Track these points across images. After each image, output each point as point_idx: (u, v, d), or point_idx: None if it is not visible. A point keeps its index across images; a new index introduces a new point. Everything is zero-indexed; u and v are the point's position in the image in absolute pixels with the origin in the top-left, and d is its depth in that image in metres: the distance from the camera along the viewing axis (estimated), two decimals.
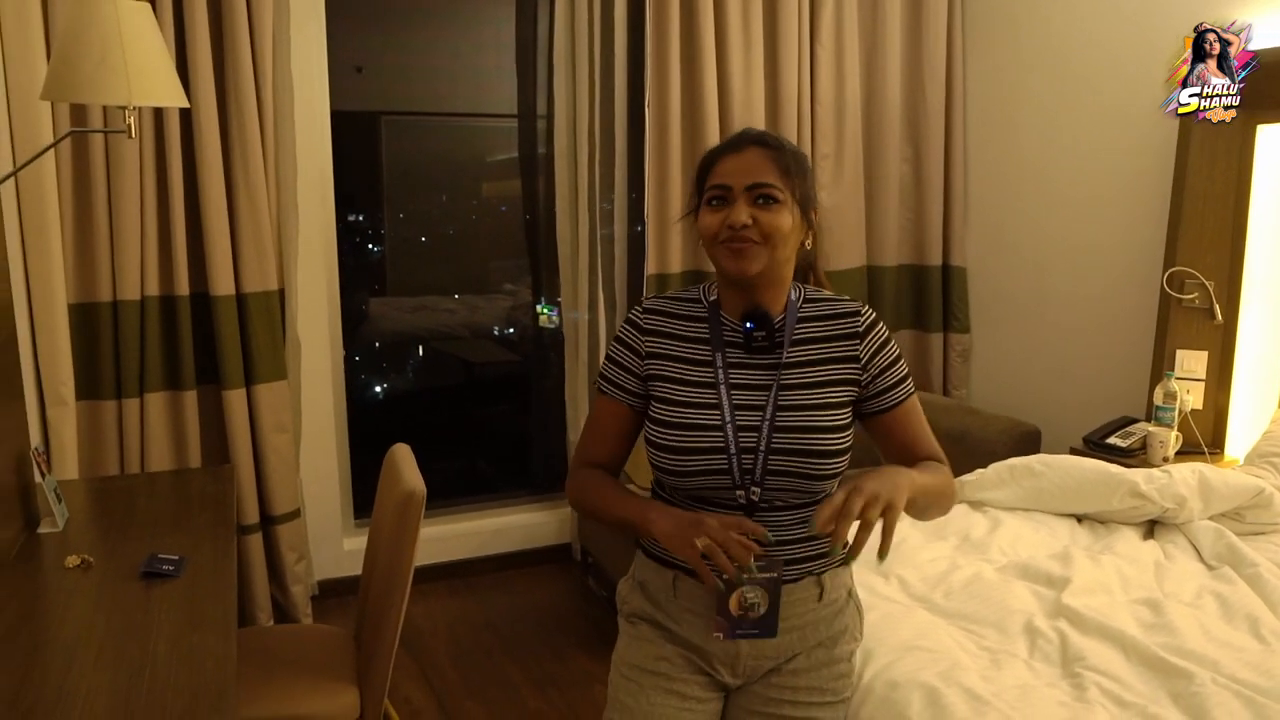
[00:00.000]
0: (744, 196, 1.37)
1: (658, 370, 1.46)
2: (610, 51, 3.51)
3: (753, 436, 1.38)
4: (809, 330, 1.45)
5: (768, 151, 1.39)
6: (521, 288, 4.30)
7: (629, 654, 1.51)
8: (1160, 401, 3.01)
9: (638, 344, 1.48)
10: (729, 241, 1.38)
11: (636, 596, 1.52)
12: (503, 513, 3.90)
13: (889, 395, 1.45)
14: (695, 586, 1.42)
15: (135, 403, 2.97)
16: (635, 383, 1.48)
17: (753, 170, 1.38)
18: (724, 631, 1.34)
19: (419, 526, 1.98)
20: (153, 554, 1.85)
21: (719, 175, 1.40)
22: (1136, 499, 2.18)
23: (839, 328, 1.45)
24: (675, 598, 1.45)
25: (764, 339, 1.41)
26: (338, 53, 3.42)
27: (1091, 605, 1.78)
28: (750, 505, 1.40)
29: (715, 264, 1.43)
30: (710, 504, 1.41)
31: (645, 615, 1.50)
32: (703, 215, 1.42)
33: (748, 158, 1.39)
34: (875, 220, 3.92)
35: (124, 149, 2.82)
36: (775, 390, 1.40)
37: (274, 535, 3.21)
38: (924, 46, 3.85)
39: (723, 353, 1.43)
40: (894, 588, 1.92)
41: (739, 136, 1.44)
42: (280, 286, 3.15)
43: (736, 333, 1.44)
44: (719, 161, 1.42)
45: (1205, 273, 3.05)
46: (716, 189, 1.40)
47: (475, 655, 3.16)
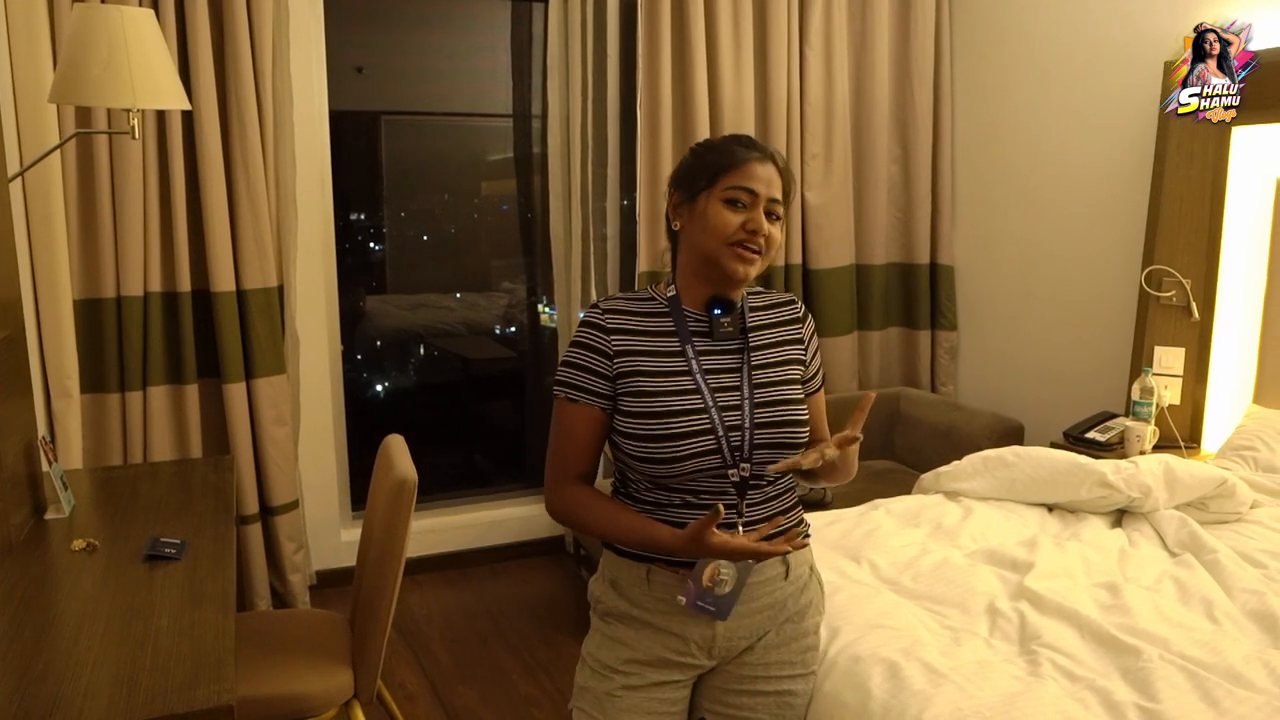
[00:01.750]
0: (763, 206, 1.46)
1: (630, 367, 1.48)
2: (603, 53, 3.58)
3: (736, 415, 1.46)
4: (759, 318, 1.56)
5: (779, 172, 1.50)
6: (519, 286, 4.36)
7: (600, 652, 1.54)
8: (1138, 397, 3.07)
9: (604, 345, 1.49)
10: (741, 245, 1.45)
11: (609, 594, 1.55)
12: (498, 506, 3.98)
13: (813, 380, 1.61)
14: (669, 577, 1.48)
15: (138, 395, 3.05)
16: (605, 385, 1.49)
17: (773, 184, 1.48)
18: (688, 598, 1.42)
19: (411, 513, 2.06)
20: (155, 537, 1.94)
21: (749, 178, 1.46)
22: (1104, 489, 2.26)
23: (782, 315, 1.58)
24: (650, 589, 1.50)
25: (729, 324, 1.51)
26: (338, 54, 3.49)
27: (1053, 588, 1.86)
28: (741, 483, 1.47)
29: (716, 261, 1.46)
30: (701, 489, 1.47)
31: (619, 613, 1.53)
32: (718, 209, 1.46)
33: (769, 172, 1.48)
34: (864, 219, 3.98)
35: (128, 150, 2.91)
36: (747, 370, 1.50)
37: (273, 525, 3.29)
38: (912, 48, 3.91)
39: (691, 343, 1.50)
40: (865, 571, 2.00)
41: (753, 143, 1.50)
42: (280, 283, 3.24)
43: (700, 323, 1.52)
44: (748, 164, 1.47)
45: (1183, 270, 3.12)
46: (744, 190, 1.45)
47: (469, 642, 3.24)
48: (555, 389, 1.52)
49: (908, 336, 4.15)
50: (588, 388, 1.49)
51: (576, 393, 1.50)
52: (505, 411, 4.56)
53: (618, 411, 1.49)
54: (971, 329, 4.11)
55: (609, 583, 1.56)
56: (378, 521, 2.17)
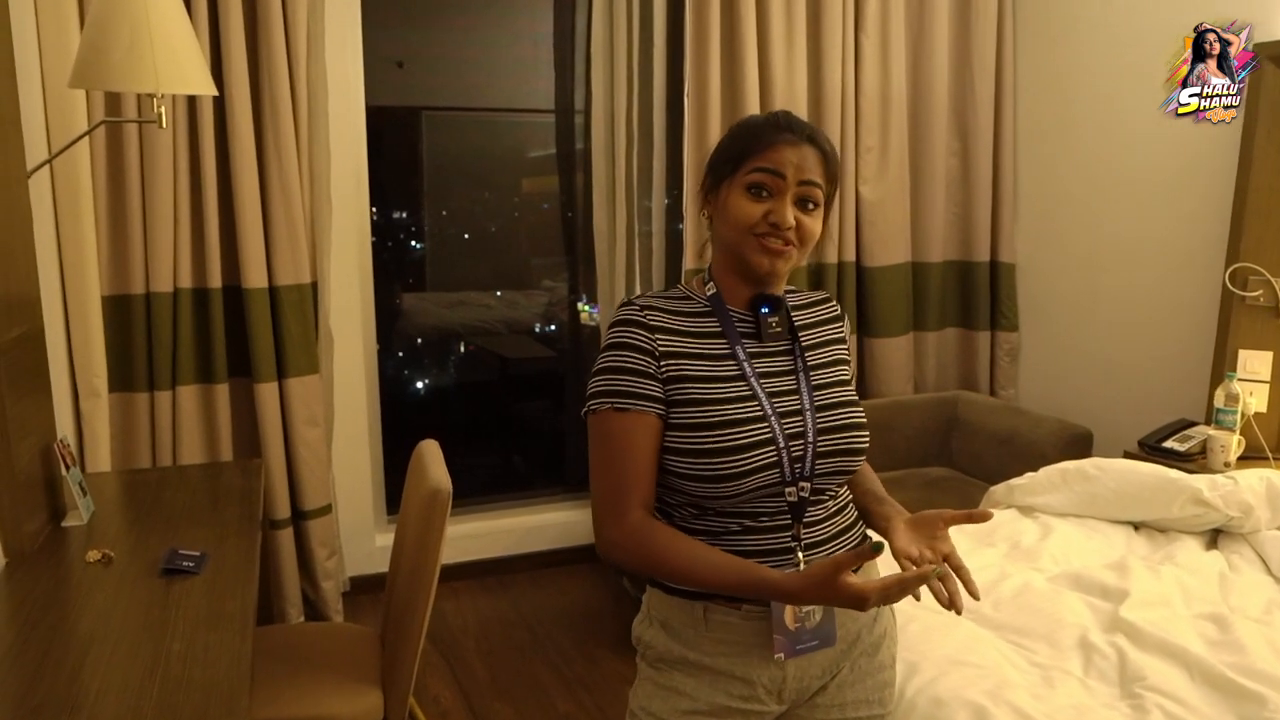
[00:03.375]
0: (792, 191, 1.29)
1: (677, 371, 1.30)
2: (649, 42, 3.44)
3: (797, 422, 1.31)
4: (803, 317, 1.42)
5: (820, 154, 1.32)
6: (560, 284, 4.25)
7: (654, 704, 1.34)
8: (1222, 404, 2.87)
9: (649, 345, 1.30)
10: (766, 237, 1.29)
11: (660, 638, 1.35)
12: (537, 511, 3.85)
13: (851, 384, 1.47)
14: (728, 614, 1.31)
15: (167, 395, 2.95)
16: (658, 389, 1.29)
17: (807, 166, 1.30)
18: (785, 651, 1.25)
19: (445, 525, 1.92)
20: (173, 549, 1.82)
21: (775, 160, 1.29)
22: (1199, 506, 2.06)
23: (821, 313, 1.45)
24: (708, 630, 1.32)
25: (777, 324, 1.36)
26: (379, 47, 3.40)
27: (1151, 619, 1.67)
28: (799, 503, 1.30)
29: (740, 255, 1.31)
30: (754, 510, 1.30)
31: (674, 658, 1.33)
32: (738, 199, 1.30)
33: (806, 153, 1.30)
34: (921, 215, 3.81)
35: (157, 140, 2.81)
36: (803, 373, 1.35)
37: (305, 530, 3.19)
38: (973, 37, 3.73)
39: (741, 345, 1.35)
40: None
41: (790, 122, 1.32)
42: (313, 280, 3.13)
43: (746, 323, 1.36)
44: (776, 146, 1.29)
45: (1272, 269, 2.93)
46: (767, 173, 1.28)
47: (506, 654, 3.11)
48: (595, 403, 1.30)
49: (965, 338, 3.96)
50: (640, 391, 1.28)
51: (628, 400, 1.27)
52: (544, 412, 4.44)
53: (667, 425, 1.30)
54: (1034, 330, 3.92)
55: (658, 624, 1.35)
56: (410, 533, 2.04)
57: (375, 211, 3.48)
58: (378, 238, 3.45)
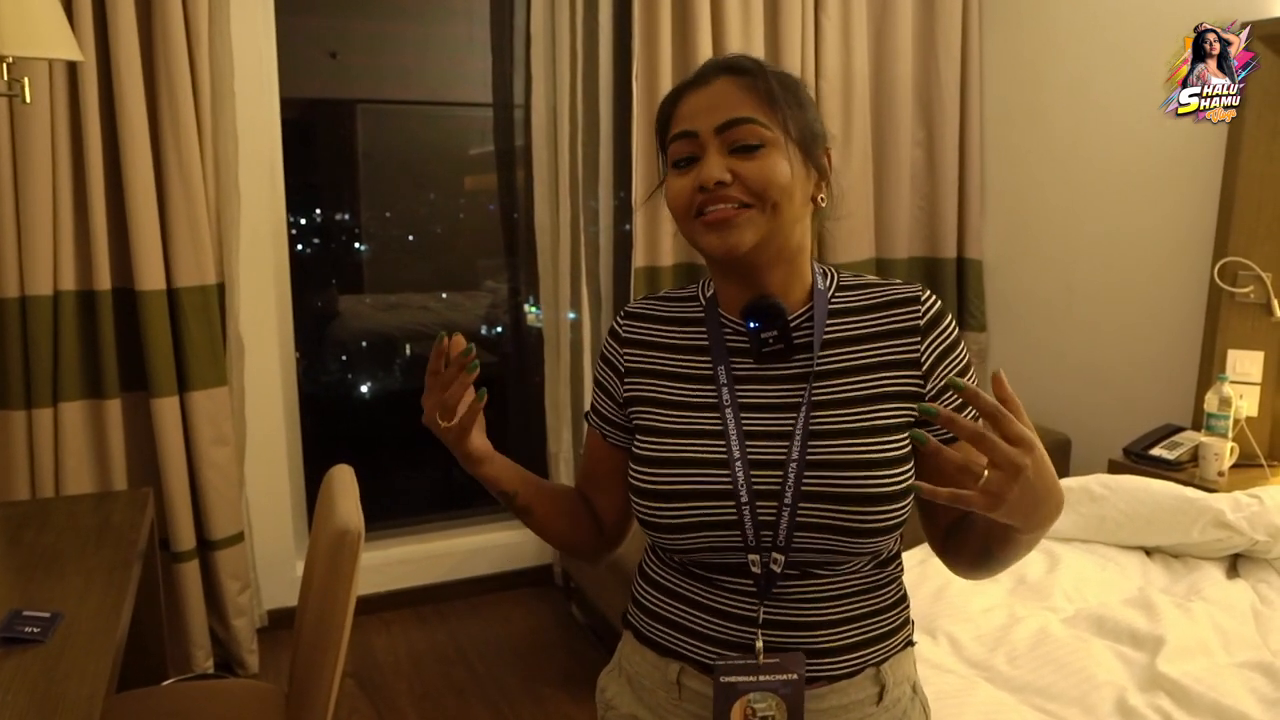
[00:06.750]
0: (716, 143, 1.00)
1: (639, 391, 1.10)
2: (593, 25, 3.16)
3: (774, 476, 1.00)
4: (847, 327, 1.05)
5: (742, 79, 1.01)
6: (502, 285, 3.95)
7: None
8: (1214, 409, 2.68)
9: (616, 358, 1.14)
10: (704, 208, 1.00)
11: (626, 698, 1.13)
12: (478, 531, 3.54)
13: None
14: (707, 684, 1.04)
15: (48, 413, 2.59)
16: (615, 409, 1.14)
17: (723, 104, 1.00)
18: None
19: (355, 570, 1.61)
20: (16, 611, 1.48)
21: (683, 118, 1.02)
22: (1222, 530, 1.84)
23: (889, 321, 1.05)
24: (680, 698, 1.07)
25: (776, 340, 1.03)
26: (312, 37, 3.13)
27: (1193, 673, 1.42)
28: (768, 577, 1.01)
29: (695, 245, 1.03)
30: (711, 576, 1.05)
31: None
32: (670, 182, 1.03)
33: (717, 90, 1.01)
34: (885, 209, 3.59)
35: (31, 120, 2.45)
36: (805, 411, 1.01)
37: (213, 562, 2.84)
38: (938, 17, 3.52)
39: (726, 365, 1.06)
40: (943, 649, 1.55)
41: (704, 70, 1.05)
42: (220, 280, 2.78)
43: (742, 336, 1.07)
44: (681, 100, 1.04)
45: (1262, 263, 2.76)
46: (681, 139, 1.02)
47: (443, 697, 2.79)
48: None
49: None
50: (597, 408, 1.18)
51: (592, 415, 1.19)
52: (488, 422, 4.13)
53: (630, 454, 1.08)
54: (1003, 330, 3.72)
55: (625, 680, 1.14)
56: (315, 579, 1.72)
57: (315, 210, 3.17)
58: (310, 237, 3.12)
